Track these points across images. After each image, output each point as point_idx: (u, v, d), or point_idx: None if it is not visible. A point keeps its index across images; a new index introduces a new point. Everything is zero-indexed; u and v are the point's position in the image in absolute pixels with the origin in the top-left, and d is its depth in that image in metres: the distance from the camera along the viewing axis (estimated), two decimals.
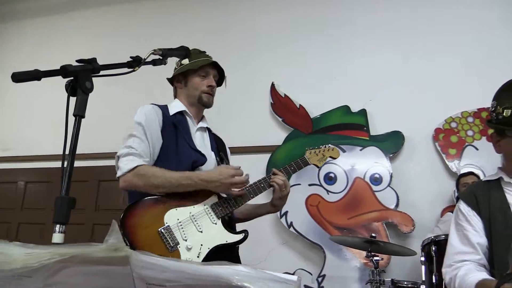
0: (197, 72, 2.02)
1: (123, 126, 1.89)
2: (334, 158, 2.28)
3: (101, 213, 4.02)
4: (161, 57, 1.40)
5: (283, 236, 3.74)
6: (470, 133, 3.62)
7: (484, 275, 1.46)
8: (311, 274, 3.50)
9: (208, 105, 2.07)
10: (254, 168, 3.83)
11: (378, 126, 3.82)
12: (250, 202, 1.98)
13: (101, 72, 1.13)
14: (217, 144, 2.14)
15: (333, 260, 3.45)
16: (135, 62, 1.24)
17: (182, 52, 1.50)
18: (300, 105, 3.98)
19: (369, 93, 3.95)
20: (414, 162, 3.69)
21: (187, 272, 0.55)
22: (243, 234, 1.84)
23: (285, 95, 4.05)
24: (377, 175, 3.61)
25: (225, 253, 1.80)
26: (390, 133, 3.73)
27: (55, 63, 1.19)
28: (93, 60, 1.10)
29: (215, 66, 2.08)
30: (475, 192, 1.71)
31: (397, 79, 3.92)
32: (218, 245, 1.78)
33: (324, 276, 3.45)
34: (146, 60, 1.31)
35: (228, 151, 2.24)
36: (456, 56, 3.87)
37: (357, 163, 3.69)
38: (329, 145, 2.21)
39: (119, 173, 1.80)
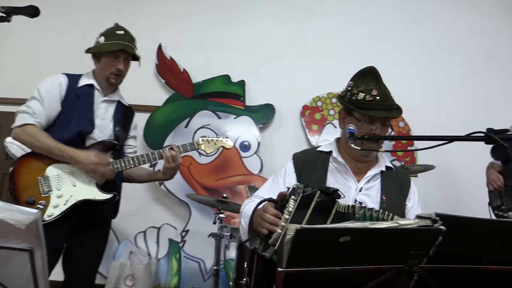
0: (107, 54, 2.24)
1: (22, 72, 1.96)
2: (227, 149, 2.71)
3: None
4: (4, 15, 1.47)
5: (155, 193, 3.94)
6: (332, 112, 4.08)
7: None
8: (176, 229, 3.77)
9: (116, 84, 2.34)
10: None
11: (253, 97, 4.12)
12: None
13: None
14: (124, 116, 2.41)
15: (197, 217, 3.75)
16: None
17: (30, 11, 1.58)
18: (184, 69, 4.12)
19: (250, 65, 4.22)
20: (281, 134, 4.08)
21: None
22: (112, 195, 2.19)
23: (170, 57, 4.16)
24: (246, 143, 3.94)
25: (90, 207, 2.17)
26: (263, 105, 4.06)
27: None
28: None
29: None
30: (305, 158, 1.81)
31: (277, 56, 4.22)
32: (85, 199, 2.13)
33: (187, 231, 3.75)
34: None
35: (133, 123, 2.53)
36: (331, 40, 4.27)
37: (230, 130, 3.97)
38: (227, 138, 2.54)
39: (12, 125, 2.12)
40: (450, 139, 1.26)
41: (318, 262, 0.74)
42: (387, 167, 1.80)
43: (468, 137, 1.18)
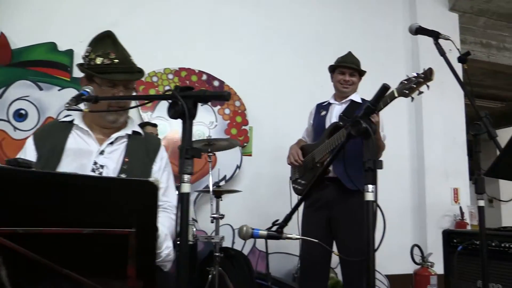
0: None
1: None
2: None
3: None
4: None
5: None
6: (167, 88, 3.94)
7: None
8: None
9: None
10: None
11: None
12: None
13: None
14: None
15: None
16: None
17: None
18: (1, 32, 3.65)
19: (81, 34, 3.87)
20: None
21: None
22: None
23: None
24: None
25: None
26: None
27: None
28: None
29: None
30: (45, 130, 1.78)
31: (111, 26, 3.92)
32: None
33: None
34: None
35: None
36: (167, 14, 4.11)
37: (53, 102, 3.63)
38: None
39: None
40: (146, 98, 1.20)
41: None
42: (134, 131, 1.80)
43: (160, 96, 1.13)
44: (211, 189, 2.98)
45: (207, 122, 4.00)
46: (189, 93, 1.01)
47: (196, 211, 3.87)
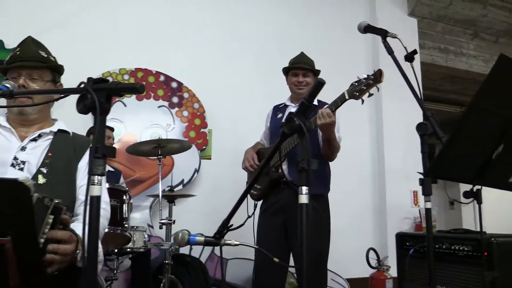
0: None
1: None
2: None
3: None
4: None
5: None
6: None
7: None
8: None
9: None
10: None
11: None
12: None
13: None
14: None
15: None
16: None
17: None
18: None
19: (31, 31, 3.67)
20: (65, 110, 3.67)
21: None
22: None
23: None
24: None
25: None
26: None
27: None
28: None
29: None
30: None
31: (63, 24, 3.80)
32: None
33: None
34: None
35: None
36: (124, 14, 4.00)
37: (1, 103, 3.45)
38: None
39: None
40: (58, 92, 1.12)
41: None
42: (61, 130, 1.81)
43: (71, 89, 1.05)
44: (160, 193, 2.88)
45: (164, 125, 3.89)
46: (100, 86, 0.93)
47: (152, 216, 3.75)
